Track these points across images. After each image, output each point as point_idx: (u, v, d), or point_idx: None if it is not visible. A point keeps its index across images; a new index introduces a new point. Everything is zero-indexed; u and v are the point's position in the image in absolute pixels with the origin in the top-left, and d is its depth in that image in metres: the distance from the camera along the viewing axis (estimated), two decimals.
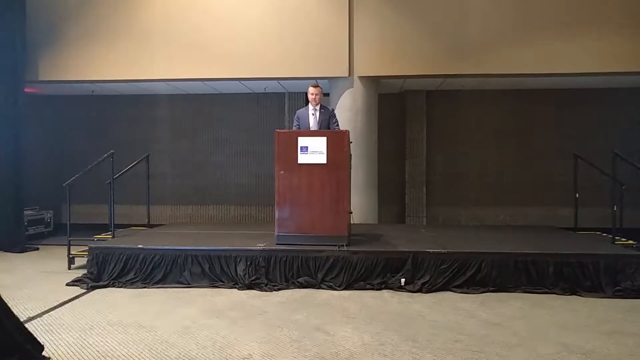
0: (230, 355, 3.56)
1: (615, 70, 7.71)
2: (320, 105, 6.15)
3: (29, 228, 8.65)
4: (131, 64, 8.21)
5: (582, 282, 5.24)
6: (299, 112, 6.29)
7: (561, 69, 7.77)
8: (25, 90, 8.29)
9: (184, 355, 3.54)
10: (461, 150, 9.68)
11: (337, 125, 6.20)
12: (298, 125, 6.17)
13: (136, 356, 3.54)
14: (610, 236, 6.31)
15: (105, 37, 8.24)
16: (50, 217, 9.43)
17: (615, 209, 6.26)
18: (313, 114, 6.12)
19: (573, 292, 5.19)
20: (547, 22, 7.73)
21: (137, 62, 8.20)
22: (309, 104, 6.17)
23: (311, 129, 6.05)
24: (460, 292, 5.22)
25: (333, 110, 6.49)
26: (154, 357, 3.52)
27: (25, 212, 8.43)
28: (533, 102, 9.48)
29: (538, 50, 7.70)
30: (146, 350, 3.64)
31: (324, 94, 6.50)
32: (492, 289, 5.26)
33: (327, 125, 6.10)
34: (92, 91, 9.44)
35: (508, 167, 9.56)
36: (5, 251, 7.73)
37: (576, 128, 9.34)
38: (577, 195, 7.28)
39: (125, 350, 3.65)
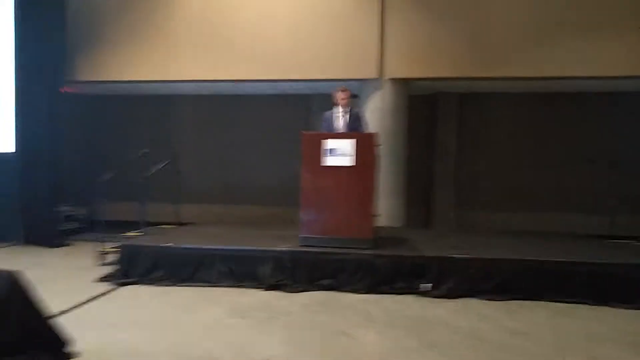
0: (252, 356, 3.60)
1: None
2: (349, 107, 6.15)
3: (64, 224, 8.90)
4: (164, 65, 8.38)
5: (613, 293, 5.09)
6: (326, 114, 6.29)
7: (596, 72, 7.56)
8: (64, 89, 8.55)
9: (207, 354, 3.60)
10: (493, 154, 9.52)
11: (366, 126, 6.17)
12: (325, 127, 6.18)
13: (161, 353, 3.61)
14: None
15: (142, 39, 8.44)
16: (85, 214, 9.68)
17: None
18: (342, 116, 6.12)
19: (603, 303, 5.04)
20: (581, 23, 7.53)
21: (170, 63, 8.36)
22: (336, 106, 6.17)
23: (339, 131, 6.05)
24: (485, 299, 5.14)
25: (362, 111, 6.47)
26: (177, 355, 3.59)
27: (61, 209, 8.68)
28: (569, 105, 9.20)
29: (572, 52, 7.52)
30: (171, 348, 3.71)
31: (353, 95, 6.50)
32: (518, 296, 5.16)
33: (356, 127, 6.09)
34: (128, 91, 9.66)
35: (541, 171, 9.33)
36: (41, 246, 7.98)
37: (614, 132, 9.02)
38: (613, 202, 7.07)
39: (151, 347, 3.73)
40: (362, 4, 7.99)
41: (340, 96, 6.08)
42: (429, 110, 9.68)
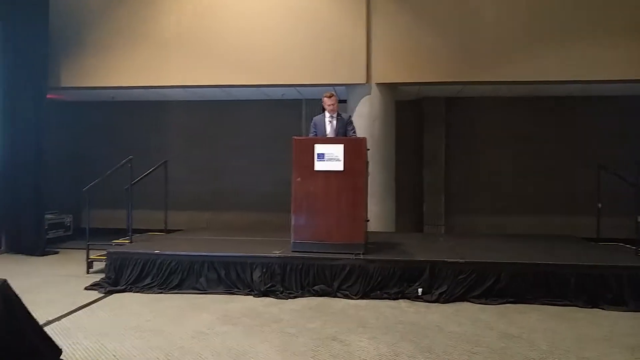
0: None
1: (636, 78, 7.57)
2: (337, 112, 6.14)
3: (49, 232, 8.75)
4: (150, 70, 8.31)
5: (604, 295, 5.11)
6: (316, 119, 6.27)
7: (583, 77, 7.65)
8: (48, 96, 8.43)
9: None
10: (480, 158, 9.58)
11: (354, 132, 6.17)
12: (315, 132, 6.16)
13: None
14: (634, 247, 6.16)
15: (126, 44, 8.36)
16: (70, 221, 9.55)
17: (639, 219, 6.11)
18: (330, 122, 6.10)
19: (594, 305, 5.06)
20: (566, 29, 7.63)
21: (156, 69, 8.29)
22: (326, 111, 6.16)
23: (328, 136, 6.03)
24: (479, 303, 5.13)
25: (350, 117, 6.46)
26: None
27: (46, 216, 8.54)
28: (554, 110, 9.35)
29: (559, 57, 7.61)
30: (162, 356, 3.65)
31: (341, 100, 6.47)
32: (511, 300, 5.17)
33: (345, 132, 6.07)
34: (112, 97, 9.57)
35: (529, 175, 9.43)
36: (26, 254, 7.84)
37: (599, 136, 9.18)
38: (600, 205, 7.13)
39: (141, 355, 3.66)
40: (349, 9, 8.00)
41: (327, 102, 6.06)
42: (416, 116, 9.72)
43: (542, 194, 9.38)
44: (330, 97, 6.05)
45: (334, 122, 6.09)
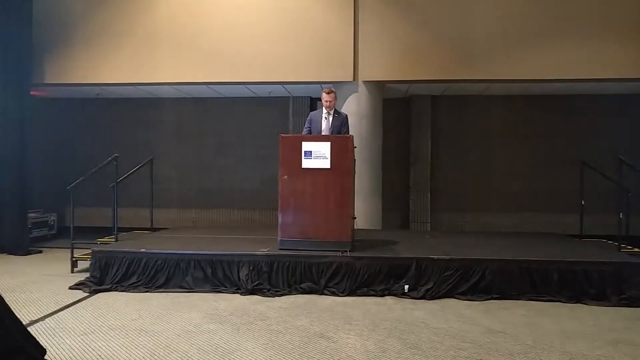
0: None
1: (621, 77, 7.71)
2: (335, 109, 6.14)
3: (32, 230, 8.67)
4: (136, 67, 8.25)
5: (587, 290, 5.20)
6: (312, 114, 6.28)
7: (567, 75, 7.77)
8: (31, 93, 8.32)
9: None
10: (466, 156, 9.66)
11: (348, 132, 6.16)
12: (309, 127, 6.15)
13: None
14: (616, 244, 6.26)
15: (111, 41, 8.29)
16: (54, 220, 9.45)
17: (621, 216, 6.21)
18: (326, 118, 6.10)
19: (578, 300, 5.15)
20: (552, 28, 7.74)
21: (142, 65, 8.24)
22: (323, 107, 6.15)
23: (323, 133, 6.03)
24: (464, 299, 5.18)
25: (347, 116, 6.43)
26: None
27: (29, 215, 8.44)
28: (539, 108, 9.46)
29: (544, 56, 7.71)
30: (148, 355, 3.62)
31: None
32: (496, 296, 5.22)
33: (339, 130, 6.06)
34: (97, 94, 9.48)
35: (514, 173, 9.53)
36: (9, 253, 7.74)
37: (583, 134, 9.32)
38: (583, 202, 7.22)
39: (127, 354, 3.63)
40: (337, 7, 8.02)
41: (324, 97, 6.06)
42: (403, 113, 9.76)
43: (527, 191, 9.49)
44: (328, 93, 6.06)
45: (330, 118, 6.09)
